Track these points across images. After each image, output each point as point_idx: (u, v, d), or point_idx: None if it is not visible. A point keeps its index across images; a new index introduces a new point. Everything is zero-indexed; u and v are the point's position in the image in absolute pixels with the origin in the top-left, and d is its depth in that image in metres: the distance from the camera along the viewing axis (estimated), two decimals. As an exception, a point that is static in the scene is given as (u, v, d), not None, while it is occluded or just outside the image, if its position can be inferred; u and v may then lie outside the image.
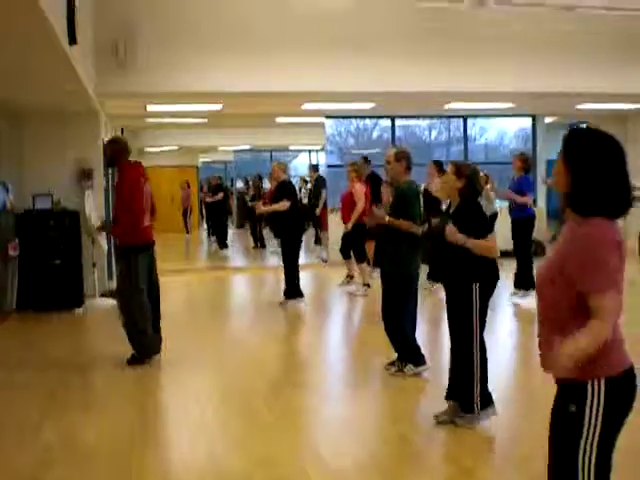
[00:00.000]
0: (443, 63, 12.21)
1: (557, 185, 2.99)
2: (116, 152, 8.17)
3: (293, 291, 11.23)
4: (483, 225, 5.72)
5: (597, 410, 2.86)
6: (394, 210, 7.09)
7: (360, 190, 12.12)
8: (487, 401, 5.76)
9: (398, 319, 7.11)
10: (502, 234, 14.34)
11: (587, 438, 2.88)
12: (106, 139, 10.75)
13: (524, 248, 11.20)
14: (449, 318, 5.86)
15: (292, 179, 26.26)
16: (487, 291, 5.68)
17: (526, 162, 11.44)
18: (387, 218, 7.03)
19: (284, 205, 10.98)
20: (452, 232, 5.56)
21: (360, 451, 5.52)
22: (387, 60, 11.93)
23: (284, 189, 11.21)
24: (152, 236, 8.19)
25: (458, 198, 5.80)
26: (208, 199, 22.37)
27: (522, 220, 11.18)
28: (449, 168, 5.93)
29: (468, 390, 5.70)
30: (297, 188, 22.89)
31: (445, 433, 5.75)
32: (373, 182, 12.89)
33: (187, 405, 6.85)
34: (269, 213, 12.09)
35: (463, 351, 5.71)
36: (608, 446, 2.92)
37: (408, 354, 7.16)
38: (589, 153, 2.90)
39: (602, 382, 2.87)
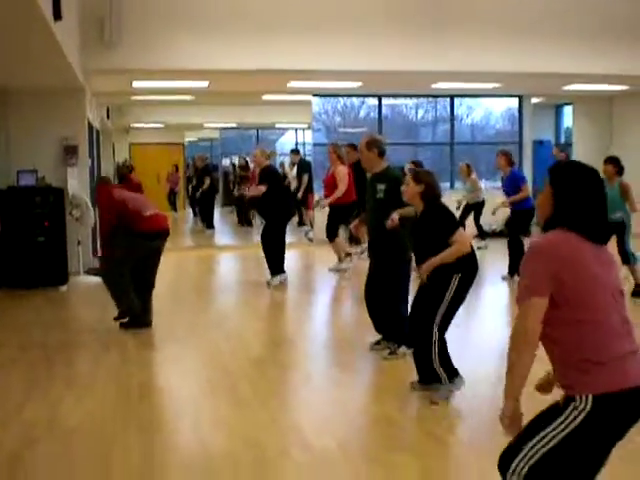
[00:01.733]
0: (430, 42, 12.19)
1: (542, 210, 3.15)
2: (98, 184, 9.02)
3: (276, 267, 11.20)
4: (449, 224, 5.90)
5: (576, 416, 2.88)
6: (389, 196, 7.00)
7: (343, 172, 11.97)
8: (453, 373, 5.94)
9: (395, 302, 7.13)
10: (490, 218, 14.54)
11: (552, 431, 2.90)
12: (91, 117, 10.74)
13: (519, 238, 11.16)
14: (418, 299, 6.05)
15: (279, 157, 26.33)
16: (466, 282, 5.86)
17: (510, 157, 11.47)
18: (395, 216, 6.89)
19: (260, 189, 10.94)
20: (425, 268, 5.83)
21: (344, 431, 5.53)
22: (374, 39, 11.90)
23: (265, 175, 11.16)
24: (157, 226, 8.43)
25: (421, 203, 5.98)
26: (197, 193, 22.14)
27: (523, 211, 11.11)
28: (408, 178, 6.16)
29: (430, 366, 5.90)
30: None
31: (429, 412, 5.77)
32: (358, 170, 12.53)
33: (171, 384, 6.86)
34: (253, 197, 11.96)
35: (424, 330, 5.87)
36: (573, 456, 2.90)
37: (401, 336, 7.14)
38: (572, 181, 3.09)
39: (590, 398, 2.87)
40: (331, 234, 12.23)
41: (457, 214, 15.84)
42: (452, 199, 15.97)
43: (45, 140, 12.03)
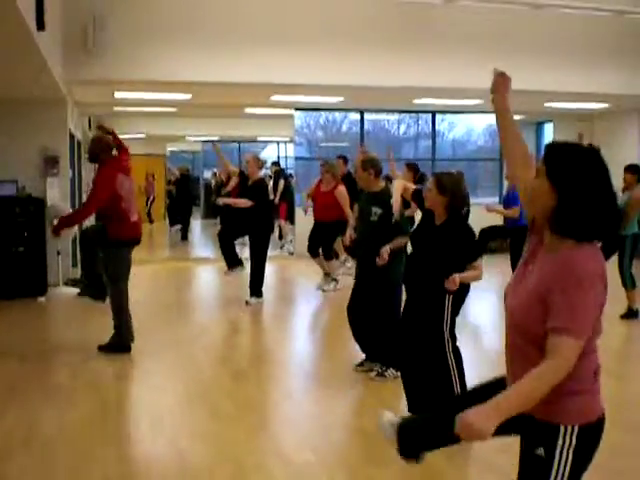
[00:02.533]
0: (412, 58, 12.25)
1: (534, 204, 2.76)
2: (97, 149, 8.18)
3: (256, 288, 11.03)
4: (475, 248, 5.53)
5: (567, 456, 2.72)
6: (383, 222, 6.86)
7: (344, 193, 11.46)
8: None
9: (385, 324, 6.94)
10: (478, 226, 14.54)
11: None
12: (73, 127, 10.66)
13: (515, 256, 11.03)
14: (412, 326, 5.72)
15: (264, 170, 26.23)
16: (458, 303, 5.56)
17: None
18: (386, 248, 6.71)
19: (246, 203, 10.78)
20: (450, 285, 5.28)
21: (323, 446, 5.52)
22: (357, 54, 11.95)
23: (256, 189, 10.96)
24: (137, 233, 8.24)
25: (445, 214, 5.51)
26: (171, 188, 22.25)
27: (511, 230, 10.98)
28: (430, 182, 5.66)
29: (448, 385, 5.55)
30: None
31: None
32: (349, 182, 12.18)
33: (150, 397, 6.82)
34: (236, 207, 11.33)
35: (435, 364, 5.57)
36: None
37: (389, 358, 7.01)
38: (578, 169, 2.65)
39: (576, 429, 2.72)
40: (313, 250, 11.99)
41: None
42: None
43: (26, 150, 11.97)
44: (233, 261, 11.37)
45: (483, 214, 11.15)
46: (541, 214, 2.72)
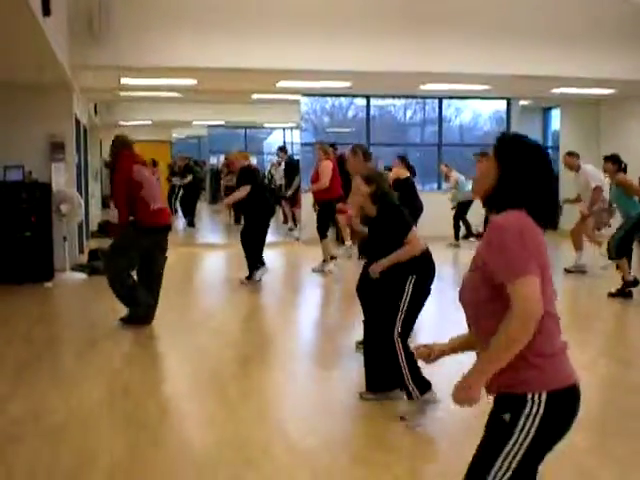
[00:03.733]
0: (420, 44, 12.20)
1: (480, 183, 3.00)
2: (115, 147, 8.47)
3: (255, 263, 11.18)
4: (403, 224, 5.74)
5: (532, 422, 2.75)
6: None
7: (326, 166, 12.07)
8: (425, 387, 5.62)
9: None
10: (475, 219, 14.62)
11: (513, 446, 2.78)
12: (79, 113, 10.69)
13: None
14: (369, 305, 5.96)
15: (266, 156, 26.20)
16: (423, 284, 5.65)
17: None
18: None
19: (245, 189, 10.92)
20: (373, 269, 5.73)
21: (328, 430, 5.54)
22: (364, 39, 11.91)
23: (245, 176, 11.14)
24: (161, 220, 8.40)
25: (373, 205, 5.85)
26: (176, 182, 22.28)
27: None
28: (357, 179, 5.99)
29: (400, 379, 5.64)
30: (267, 172, 23.00)
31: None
32: (341, 166, 12.57)
33: (156, 381, 6.85)
34: (236, 201, 11.79)
35: (385, 340, 5.65)
36: (534, 459, 2.85)
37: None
38: (522, 154, 2.93)
39: (543, 395, 2.76)
40: (322, 232, 12.26)
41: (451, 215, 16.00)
42: (441, 200, 16.12)
43: (32, 136, 11.99)
44: (254, 265, 11.21)
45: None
46: (484, 193, 2.98)
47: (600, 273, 11.84)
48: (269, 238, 11.57)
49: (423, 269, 5.69)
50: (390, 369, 5.70)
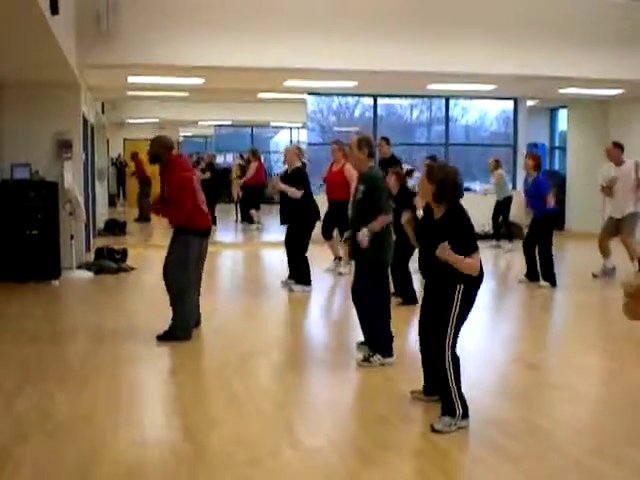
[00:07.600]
0: (427, 43, 12.21)
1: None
2: (158, 149, 8.15)
3: (302, 277, 10.93)
4: (470, 243, 5.36)
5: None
6: (366, 198, 6.91)
7: (353, 172, 11.00)
8: (466, 410, 5.45)
9: (371, 306, 7.01)
10: (482, 219, 14.60)
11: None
12: (86, 111, 10.67)
13: (545, 244, 10.88)
14: (425, 313, 5.74)
15: (273, 155, 26.16)
16: (470, 293, 5.41)
17: (539, 160, 11.28)
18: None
19: (295, 192, 10.55)
20: (444, 250, 5.21)
21: (336, 430, 5.53)
22: (371, 39, 11.91)
23: (298, 177, 10.70)
24: (208, 222, 8.20)
25: (437, 206, 5.45)
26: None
27: (541, 219, 10.94)
28: (422, 174, 5.59)
29: (446, 391, 5.47)
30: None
31: (422, 413, 5.77)
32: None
33: (163, 379, 6.85)
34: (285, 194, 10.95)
35: (437, 350, 5.47)
36: None
37: (376, 343, 7.05)
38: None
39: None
40: (327, 233, 12.08)
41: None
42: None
43: (39, 134, 11.99)
44: (301, 276, 10.93)
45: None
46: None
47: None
48: (278, 238, 11.50)
49: (471, 277, 5.37)
50: (437, 377, 5.58)
